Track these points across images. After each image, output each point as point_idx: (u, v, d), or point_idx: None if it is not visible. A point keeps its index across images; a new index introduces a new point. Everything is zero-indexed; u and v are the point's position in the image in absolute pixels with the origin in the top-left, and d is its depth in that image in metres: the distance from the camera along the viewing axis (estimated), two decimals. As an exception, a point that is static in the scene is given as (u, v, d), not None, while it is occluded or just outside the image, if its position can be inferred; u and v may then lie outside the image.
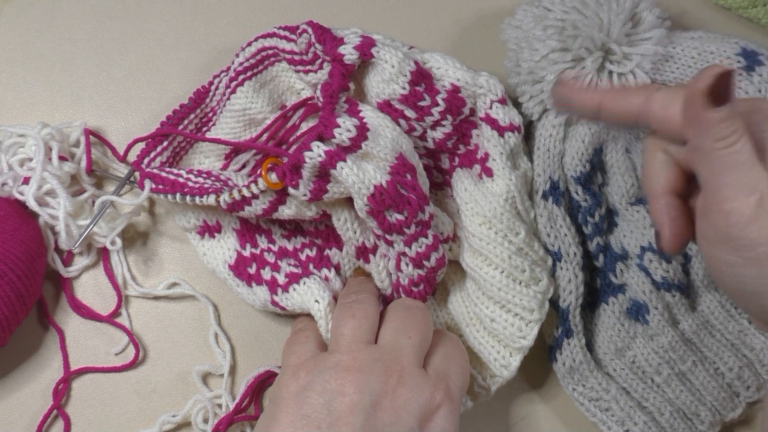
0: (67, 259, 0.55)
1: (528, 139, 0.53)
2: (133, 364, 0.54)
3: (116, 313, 0.55)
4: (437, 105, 0.50)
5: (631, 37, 0.49)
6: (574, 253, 0.51)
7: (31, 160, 0.52)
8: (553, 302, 0.51)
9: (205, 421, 0.53)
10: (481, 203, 0.50)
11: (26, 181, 0.52)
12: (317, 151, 0.46)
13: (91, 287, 0.55)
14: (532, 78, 0.50)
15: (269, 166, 0.48)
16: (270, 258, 0.52)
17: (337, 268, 0.53)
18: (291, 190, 0.47)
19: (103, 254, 0.55)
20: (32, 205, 0.52)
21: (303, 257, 0.53)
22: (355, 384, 0.43)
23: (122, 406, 0.54)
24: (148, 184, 0.51)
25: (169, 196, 0.50)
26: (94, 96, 0.57)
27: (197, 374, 0.54)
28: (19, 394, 0.53)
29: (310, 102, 0.55)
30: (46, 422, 0.53)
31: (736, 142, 0.40)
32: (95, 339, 0.54)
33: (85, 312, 0.54)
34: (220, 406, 0.53)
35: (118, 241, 0.54)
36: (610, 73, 0.49)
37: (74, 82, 0.57)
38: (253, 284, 0.52)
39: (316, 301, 0.49)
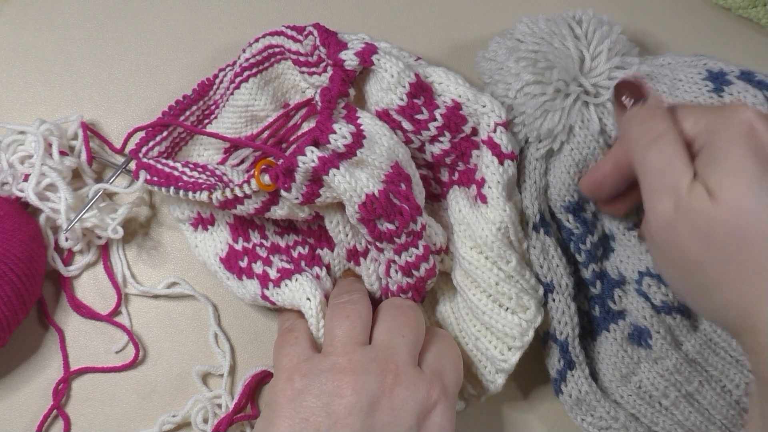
0: (68, 258, 0.55)
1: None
2: (133, 364, 0.54)
3: (116, 311, 0.55)
4: (435, 120, 0.49)
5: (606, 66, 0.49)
6: (566, 284, 0.50)
7: (31, 157, 0.52)
8: (552, 335, 0.51)
9: (205, 421, 0.53)
10: (474, 228, 0.49)
11: (27, 178, 0.52)
12: (310, 157, 0.46)
13: (91, 286, 0.55)
14: (512, 114, 0.50)
15: (263, 167, 0.47)
16: (262, 253, 0.52)
17: (328, 268, 0.52)
18: (283, 193, 0.47)
19: (103, 252, 0.55)
20: (32, 199, 0.51)
21: (295, 254, 0.52)
22: (352, 385, 0.43)
23: (122, 406, 0.54)
24: (143, 174, 0.51)
25: (163, 189, 0.50)
26: (94, 96, 0.57)
27: (197, 374, 0.54)
28: (19, 394, 0.54)
29: (313, 102, 0.54)
30: (46, 422, 0.53)
31: (657, 138, 0.40)
32: (95, 339, 0.55)
33: (85, 311, 0.54)
34: (219, 406, 0.53)
35: (120, 230, 0.53)
36: (586, 103, 0.49)
37: (74, 82, 0.57)
38: (244, 277, 0.52)
39: (308, 298, 0.49)
